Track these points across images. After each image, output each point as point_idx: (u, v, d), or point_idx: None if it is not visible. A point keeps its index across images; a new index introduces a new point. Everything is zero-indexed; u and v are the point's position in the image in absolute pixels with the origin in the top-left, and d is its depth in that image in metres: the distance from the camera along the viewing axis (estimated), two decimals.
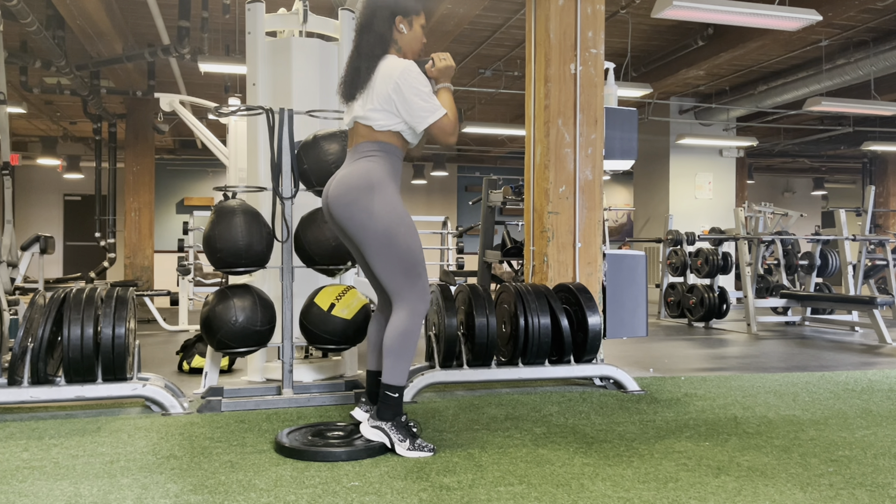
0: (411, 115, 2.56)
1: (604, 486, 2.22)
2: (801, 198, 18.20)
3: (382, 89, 2.56)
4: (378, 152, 2.59)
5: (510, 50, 8.67)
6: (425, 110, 2.55)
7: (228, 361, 4.51)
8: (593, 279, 4.47)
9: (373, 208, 2.52)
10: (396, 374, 2.56)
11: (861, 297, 6.47)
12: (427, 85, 2.59)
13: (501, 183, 6.48)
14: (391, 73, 2.55)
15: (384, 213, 2.53)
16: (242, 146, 5.22)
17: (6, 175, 5.12)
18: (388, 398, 2.57)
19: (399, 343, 2.54)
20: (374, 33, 2.62)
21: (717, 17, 5.84)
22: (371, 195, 2.53)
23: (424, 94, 2.55)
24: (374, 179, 2.54)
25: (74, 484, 2.22)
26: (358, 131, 2.65)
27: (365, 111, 2.59)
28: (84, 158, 14.03)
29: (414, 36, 2.69)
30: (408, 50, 2.69)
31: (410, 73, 2.56)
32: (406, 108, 2.55)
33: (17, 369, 3.07)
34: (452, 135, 2.59)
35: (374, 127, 2.59)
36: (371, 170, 2.56)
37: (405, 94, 2.53)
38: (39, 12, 6.97)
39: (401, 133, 2.63)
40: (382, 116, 2.58)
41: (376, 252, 2.55)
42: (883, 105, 8.80)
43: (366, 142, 2.61)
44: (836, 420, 3.14)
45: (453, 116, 2.59)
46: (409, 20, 2.67)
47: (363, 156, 2.60)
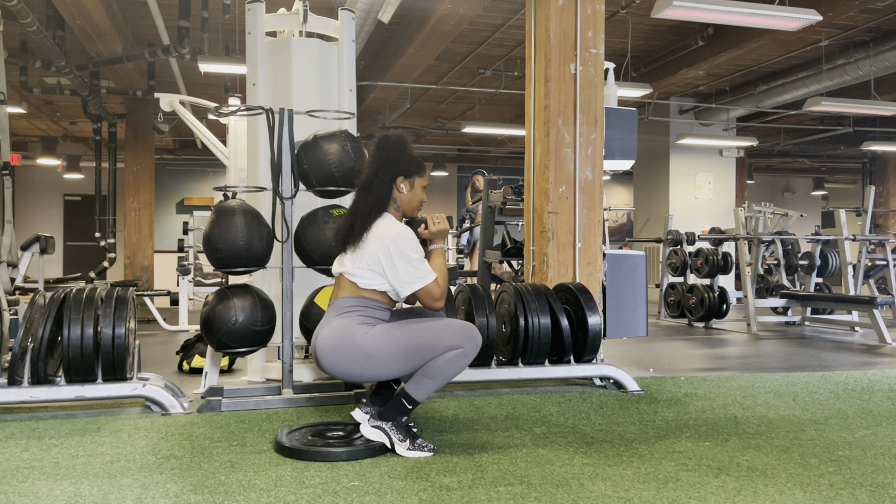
0: (397, 281, 2.57)
1: (604, 486, 2.22)
2: (801, 198, 18.20)
3: (373, 251, 2.58)
4: (358, 307, 2.61)
5: (510, 50, 8.67)
6: (412, 276, 2.56)
7: (228, 361, 4.51)
8: (593, 279, 4.47)
9: (366, 351, 2.52)
10: (424, 392, 2.57)
11: (861, 297, 6.47)
12: (419, 251, 2.60)
13: (501, 183, 6.48)
14: (383, 238, 2.57)
15: (377, 346, 2.52)
16: (242, 146, 5.22)
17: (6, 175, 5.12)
18: (402, 406, 2.58)
19: (443, 370, 2.53)
20: (374, 195, 2.65)
21: (717, 17, 5.84)
22: (357, 347, 2.52)
23: (414, 261, 2.57)
24: (353, 331, 2.54)
25: (74, 484, 2.22)
26: (341, 284, 2.68)
27: (353, 268, 2.62)
28: (84, 158, 14.03)
29: (413, 195, 2.72)
30: (406, 208, 2.73)
31: (403, 239, 2.57)
32: (393, 274, 2.57)
33: (17, 369, 3.07)
34: (439, 300, 2.60)
35: (358, 284, 2.62)
36: (349, 325, 2.56)
37: (394, 260, 2.55)
38: (39, 12, 6.97)
39: (385, 293, 2.65)
40: (369, 276, 2.60)
41: (402, 365, 2.55)
42: (883, 105, 8.80)
43: (347, 297, 2.63)
44: (836, 420, 3.14)
45: (443, 281, 2.61)
46: (411, 181, 2.71)
47: (342, 312, 2.61)
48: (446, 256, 2.74)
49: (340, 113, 3.81)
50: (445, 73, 9.64)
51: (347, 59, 4.15)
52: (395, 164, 2.67)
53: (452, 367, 2.54)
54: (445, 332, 2.55)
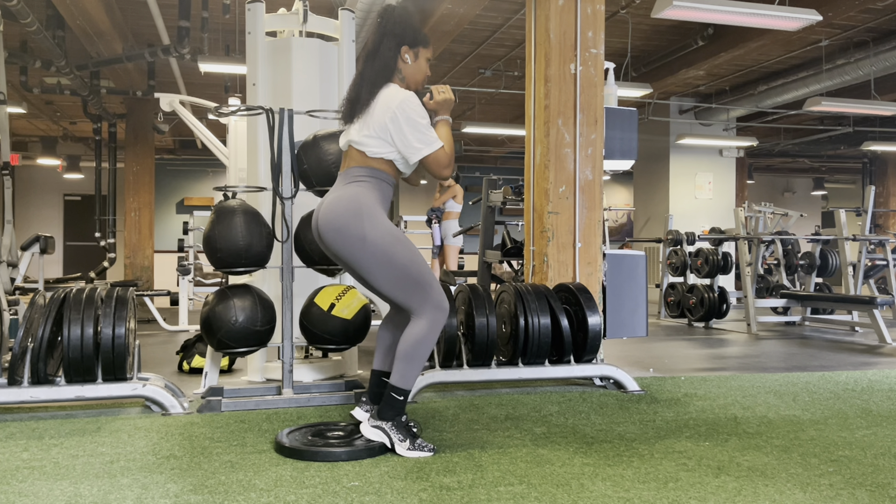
0: (405, 146, 2.56)
1: (604, 486, 2.22)
2: (801, 198, 18.20)
3: (380, 117, 2.56)
4: (368, 177, 2.59)
5: (510, 50, 8.67)
6: (420, 141, 2.55)
7: (228, 361, 4.51)
8: (593, 279, 4.47)
9: (364, 233, 2.51)
10: (406, 378, 2.56)
11: (861, 297, 6.47)
12: (425, 117, 2.60)
13: (501, 183, 6.48)
14: (390, 103, 2.56)
15: (376, 236, 2.52)
16: (242, 146, 5.22)
17: (6, 175, 5.12)
18: (393, 400, 2.57)
19: (415, 349, 2.54)
20: (380, 61, 2.63)
21: (717, 17, 5.84)
22: (361, 220, 2.52)
23: (421, 126, 2.56)
24: (363, 204, 2.54)
25: (74, 484, 2.22)
26: (351, 155, 2.67)
27: (360, 136, 2.60)
28: (84, 158, 14.03)
29: (418, 67, 2.71)
30: (411, 80, 2.71)
31: (409, 103, 2.56)
32: (401, 139, 2.56)
33: (17, 369, 3.07)
34: (447, 167, 2.60)
35: (367, 153, 2.60)
36: (360, 194, 2.56)
37: (401, 125, 2.54)
38: (39, 12, 6.97)
39: (393, 161, 2.63)
40: (377, 143, 2.58)
41: (378, 274, 2.54)
42: (883, 105, 8.80)
43: (357, 166, 2.62)
44: (836, 420, 3.14)
45: (449, 150, 2.60)
46: (416, 51, 2.69)
47: (353, 180, 2.60)
48: (451, 126, 2.71)
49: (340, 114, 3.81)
50: (445, 73, 9.64)
51: (347, 59, 4.15)
52: (400, 34, 2.65)
53: (425, 345, 2.55)
54: (435, 288, 2.56)
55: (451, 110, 2.73)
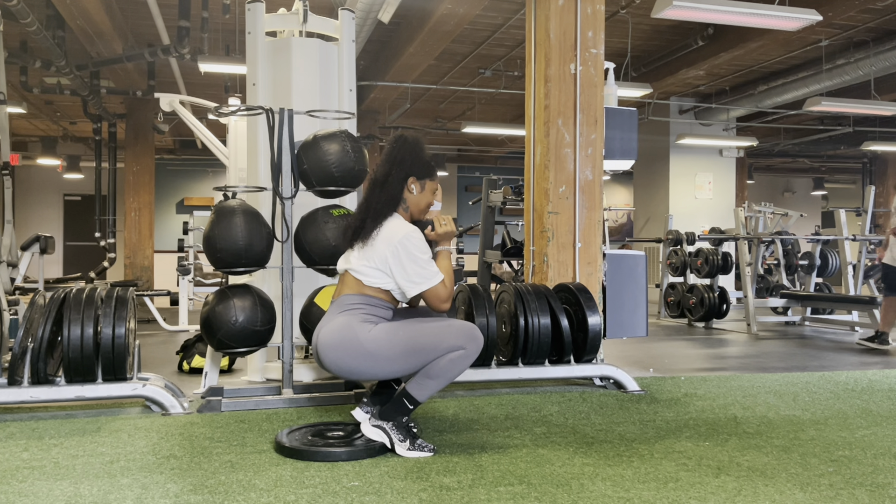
0: (404, 281, 2.58)
1: (604, 486, 2.22)
2: (801, 198, 18.20)
3: (381, 250, 2.59)
4: (361, 304, 2.61)
5: (510, 50, 8.67)
6: (420, 276, 2.57)
7: (228, 361, 4.51)
8: (593, 279, 4.47)
9: (369, 350, 2.52)
10: (425, 390, 2.56)
11: (861, 297, 6.47)
12: (427, 252, 2.61)
13: (501, 183, 6.48)
14: (392, 238, 2.58)
15: (380, 344, 2.52)
16: (242, 146, 5.22)
17: (6, 175, 5.12)
18: (403, 406, 2.58)
19: (444, 370, 2.53)
20: (387, 193, 2.67)
21: (717, 17, 5.84)
22: (359, 344, 2.52)
23: (422, 262, 2.57)
24: (356, 328, 2.54)
25: (74, 484, 2.22)
26: (346, 281, 2.69)
27: (359, 265, 2.62)
28: (84, 158, 14.02)
29: (423, 197, 2.74)
30: (414, 209, 2.74)
31: (411, 239, 2.58)
32: (401, 273, 2.57)
33: (17, 369, 3.07)
34: (445, 302, 2.61)
35: (363, 281, 2.62)
36: (351, 322, 2.56)
37: (402, 260, 2.56)
38: (39, 12, 6.97)
39: (391, 292, 2.65)
40: (375, 274, 2.61)
41: (404, 364, 2.54)
42: (883, 105, 8.80)
43: (350, 294, 2.64)
44: (836, 420, 3.14)
45: (449, 283, 2.62)
46: (422, 183, 2.73)
47: (346, 309, 2.61)
48: (452, 258, 2.75)
49: (340, 113, 3.81)
50: (445, 73, 9.64)
51: (347, 59, 4.15)
52: (409, 165, 2.69)
53: (454, 368, 2.54)
54: (448, 332, 2.55)
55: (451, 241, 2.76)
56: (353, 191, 3.52)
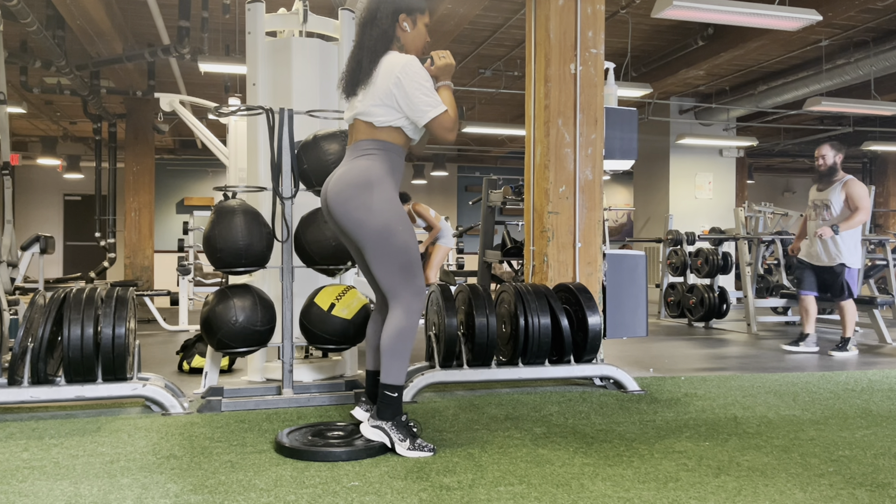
0: (413, 109, 2.54)
1: (604, 486, 2.22)
2: (801, 198, 18.19)
3: (384, 84, 2.54)
4: (378, 150, 2.58)
5: (510, 50, 8.67)
6: (427, 104, 2.53)
7: (228, 361, 4.51)
8: (593, 279, 4.47)
9: (371, 205, 2.51)
10: (394, 373, 2.55)
11: (861, 297, 6.46)
12: (429, 80, 2.58)
13: (501, 183, 6.48)
14: (393, 69, 2.54)
15: (383, 209, 2.52)
16: (242, 146, 5.22)
17: (6, 175, 5.12)
18: (388, 398, 2.56)
19: (396, 342, 2.54)
20: (378, 29, 2.60)
21: (717, 17, 5.84)
22: (370, 192, 2.52)
23: (426, 89, 2.54)
24: (372, 177, 2.54)
25: (74, 484, 2.22)
26: (358, 128, 2.64)
27: (366, 107, 2.58)
28: (84, 158, 14.03)
29: (417, 34, 2.68)
30: (411, 48, 2.68)
31: (412, 67, 2.54)
32: (407, 103, 2.53)
33: (17, 369, 3.07)
34: (452, 131, 2.57)
35: (374, 123, 2.58)
36: (370, 167, 2.55)
37: (406, 89, 2.52)
38: (39, 12, 6.97)
39: (402, 129, 2.61)
40: (384, 112, 2.56)
41: (374, 248, 2.54)
42: (883, 105, 8.80)
43: (366, 139, 2.60)
44: (836, 420, 3.14)
45: (453, 113, 2.58)
46: (413, 18, 2.66)
47: (362, 153, 2.58)
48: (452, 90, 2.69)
49: (340, 113, 3.81)
50: None
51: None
52: (396, 1, 2.62)
53: (406, 338, 2.55)
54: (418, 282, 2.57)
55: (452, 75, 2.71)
56: None
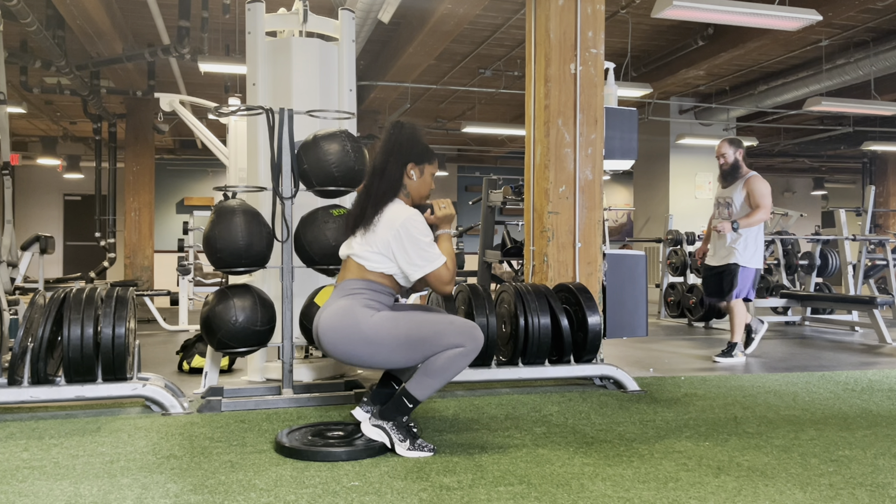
0: (407, 264, 2.59)
1: (604, 485, 2.22)
2: (801, 198, 18.20)
3: (383, 235, 2.60)
4: (364, 290, 2.62)
5: (510, 50, 8.67)
6: (423, 259, 2.58)
7: (228, 361, 4.51)
8: (593, 279, 4.47)
9: (368, 335, 2.52)
10: (425, 389, 2.56)
11: (861, 297, 6.47)
12: (428, 235, 2.62)
13: (501, 183, 6.48)
14: (394, 222, 2.59)
15: (379, 332, 2.52)
16: (242, 146, 5.22)
17: (6, 175, 5.12)
18: (403, 405, 2.58)
19: (444, 368, 2.53)
20: (386, 180, 2.67)
21: (717, 17, 5.84)
22: (359, 329, 2.52)
23: (424, 245, 2.59)
24: (357, 313, 2.54)
25: (74, 484, 2.22)
26: (349, 267, 2.70)
27: (362, 250, 2.63)
28: (84, 158, 14.02)
29: (423, 182, 2.75)
30: (415, 194, 2.75)
31: (412, 222, 2.59)
32: (403, 257, 2.59)
33: (17, 369, 3.07)
34: (448, 284, 2.62)
35: (366, 266, 2.63)
36: (353, 306, 2.57)
37: (404, 244, 2.57)
38: (39, 12, 6.97)
39: (393, 277, 2.66)
40: (378, 259, 2.62)
41: (402, 355, 2.54)
42: (883, 105, 8.80)
43: (353, 279, 2.65)
44: (836, 420, 3.14)
45: (451, 265, 2.63)
46: (421, 168, 2.73)
47: (348, 293, 2.62)
48: (453, 242, 2.75)
49: (340, 113, 3.81)
50: (445, 73, 9.64)
51: (347, 59, 4.15)
52: (407, 151, 2.70)
53: (454, 367, 2.54)
54: (450, 328, 2.55)
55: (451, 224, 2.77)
56: (353, 191, 3.52)
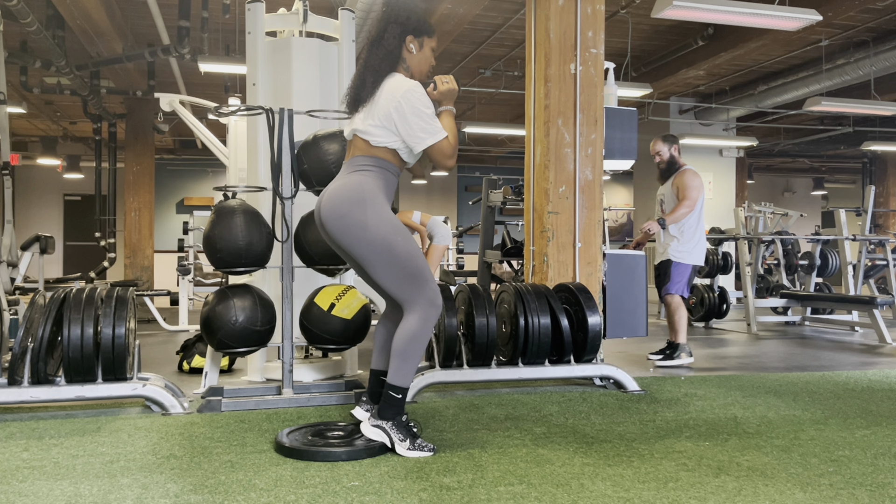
0: (410, 136, 2.57)
1: (604, 485, 2.22)
2: (801, 198, 18.20)
3: (385, 107, 2.57)
4: (372, 167, 2.60)
5: (510, 50, 8.67)
6: (424, 131, 2.56)
7: (228, 361, 4.51)
8: (593, 279, 4.47)
9: (367, 221, 2.52)
10: (402, 375, 2.56)
11: (861, 297, 6.47)
12: (430, 107, 2.60)
13: (501, 183, 6.48)
14: (395, 93, 2.56)
15: (379, 224, 2.52)
16: (242, 146, 5.22)
17: (6, 175, 5.12)
18: (392, 398, 2.57)
19: (408, 346, 2.54)
20: (384, 49, 2.63)
21: (717, 17, 5.84)
22: (364, 208, 2.52)
23: (426, 116, 2.56)
24: (366, 192, 2.54)
25: (74, 484, 2.22)
26: (355, 144, 2.67)
27: (365, 125, 2.60)
28: (84, 158, 14.02)
29: (423, 57, 2.71)
30: (416, 70, 2.71)
31: (414, 93, 2.56)
32: (405, 128, 2.56)
33: (17, 369, 3.07)
34: (451, 158, 2.60)
35: (371, 142, 2.60)
36: (363, 182, 2.56)
37: (406, 114, 2.54)
38: (39, 12, 6.97)
39: (397, 151, 2.63)
40: (381, 133, 2.58)
41: (377, 264, 2.54)
42: (883, 105, 8.80)
43: (361, 155, 2.62)
44: (836, 420, 3.14)
45: (453, 140, 2.61)
46: (420, 41, 2.69)
47: (357, 169, 2.60)
48: (454, 117, 2.71)
49: (340, 113, 3.80)
50: (445, 73, 9.64)
51: (347, 59, 4.15)
52: (404, 23, 2.65)
53: (420, 342, 2.55)
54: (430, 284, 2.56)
55: (455, 100, 2.73)
56: None
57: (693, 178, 4.93)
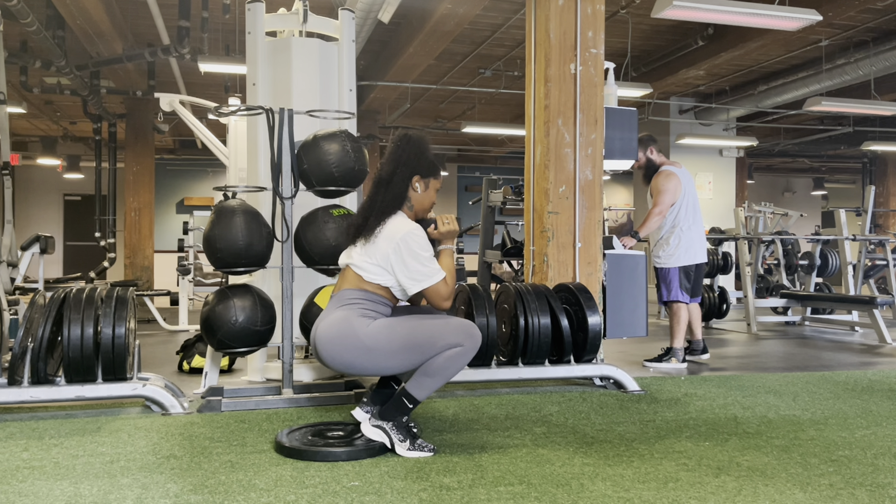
0: (405, 278, 2.59)
1: (604, 486, 2.22)
2: (801, 198, 18.20)
3: (384, 248, 2.60)
4: (361, 300, 2.62)
5: (510, 50, 8.66)
6: (422, 274, 2.58)
7: (228, 361, 4.51)
8: (593, 279, 4.47)
9: (364, 343, 2.52)
10: (425, 390, 2.57)
11: (861, 297, 6.47)
12: (428, 249, 2.62)
13: (501, 183, 6.48)
14: (395, 234, 2.59)
15: (374, 338, 2.52)
16: (242, 146, 5.21)
17: (6, 175, 5.12)
18: (402, 404, 2.58)
19: (442, 368, 2.53)
20: (392, 192, 2.68)
21: (717, 17, 5.84)
22: (356, 338, 2.53)
23: (423, 259, 2.58)
24: (352, 319, 2.55)
25: (74, 484, 2.22)
26: (346, 276, 2.70)
27: (361, 261, 2.64)
28: (84, 158, 14.03)
29: (426, 196, 2.76)
30: (418, 207, 2.76)
31: (413, 236, 2.59)
32: (402, 270, 2.58)
33: (17, 369, 3.07)
34: (447, 300, 2.62)
35: (363, 277, 2.63)
36: (349, 314, 2.57)
37: (404, 257, 2.57)
38: (39, 12, 6.96)
39: (390, 289, 2.66)
40: (376, 271, 2.62)
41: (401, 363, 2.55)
42: (883, 105, 8.80)
43: (350, 289, 2.65)
44: (836, 420, 3.14)
45: (451, 280, 2.63)
46: (427, 182, 2.74)
47: (345, 303, 2.62)
48: (454, 257, 2.76)
49: (340, 113, 3.81)
50: (445, 73, 9.64)
51: (347, 59, 4.15)
52: (414, 163, 2.70)
53: (452, 366, 2.54)
54: (446, 329, 2.55)
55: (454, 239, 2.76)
56: (353, 191, 3.53)
57: (666, 182, 4.78)
